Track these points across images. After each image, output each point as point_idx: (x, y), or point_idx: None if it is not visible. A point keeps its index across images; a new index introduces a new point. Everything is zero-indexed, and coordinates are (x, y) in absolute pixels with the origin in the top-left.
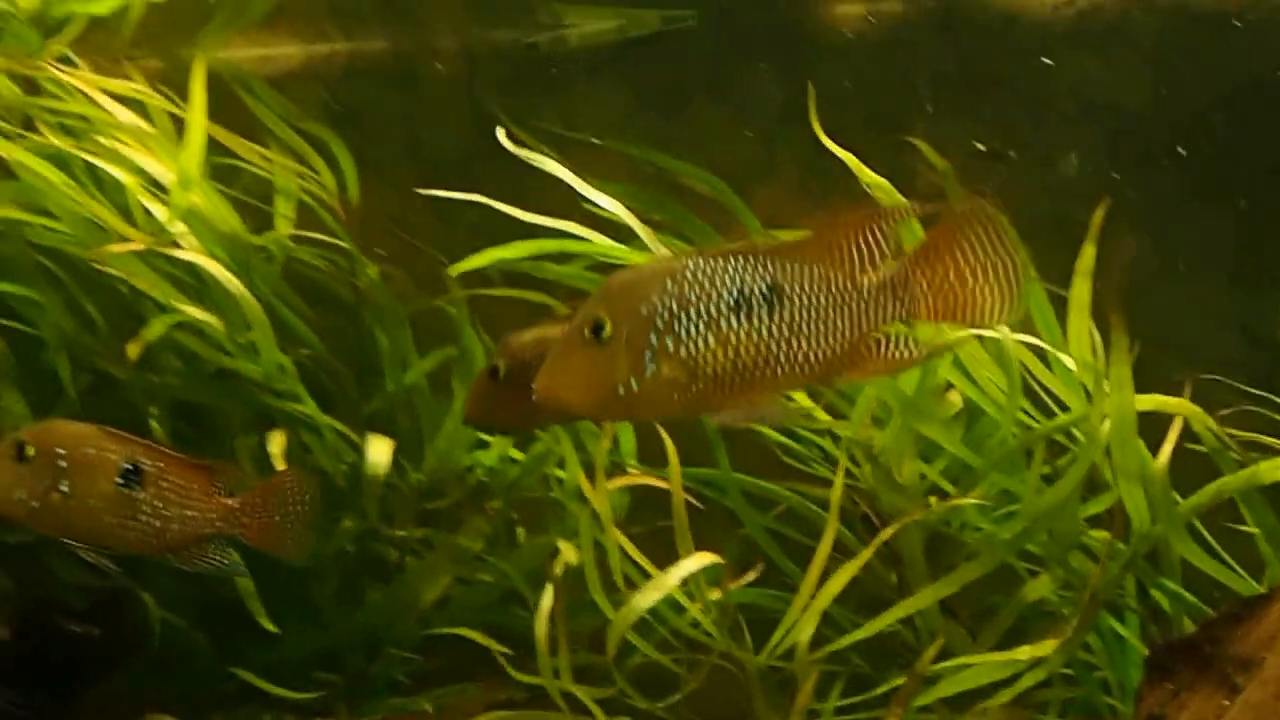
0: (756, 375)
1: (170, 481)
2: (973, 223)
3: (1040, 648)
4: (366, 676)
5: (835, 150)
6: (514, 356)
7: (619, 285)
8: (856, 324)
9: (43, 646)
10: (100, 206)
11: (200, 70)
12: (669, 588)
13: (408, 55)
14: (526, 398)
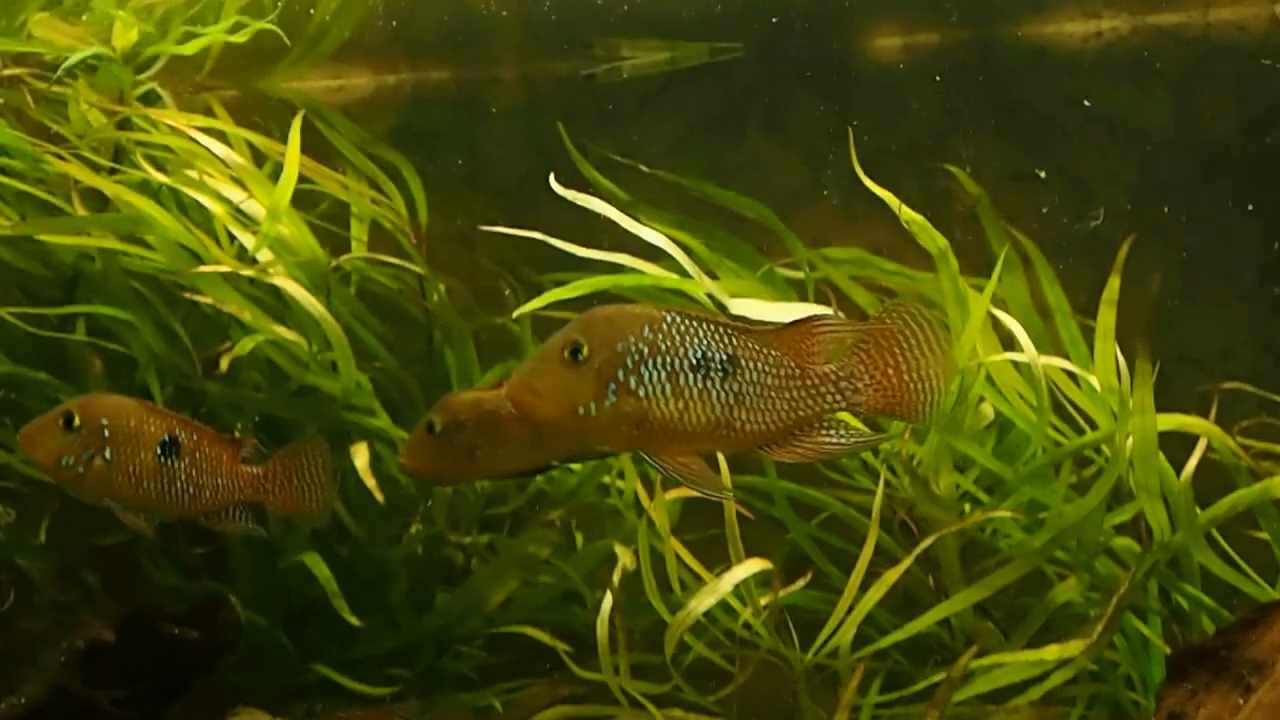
0: (699, 431)
1: (203, 453)
2: (912, 325)
3: (1068, 648)
4: (436, 672)
5: (873, 188)
6: (451, 415)
7: (603, 318)
8: (796, 407)
9: (145, 649)
10: (190, 236)
11: (299, 117)
12: (723, 592)
13: (471, 84)
14: (460, 453)
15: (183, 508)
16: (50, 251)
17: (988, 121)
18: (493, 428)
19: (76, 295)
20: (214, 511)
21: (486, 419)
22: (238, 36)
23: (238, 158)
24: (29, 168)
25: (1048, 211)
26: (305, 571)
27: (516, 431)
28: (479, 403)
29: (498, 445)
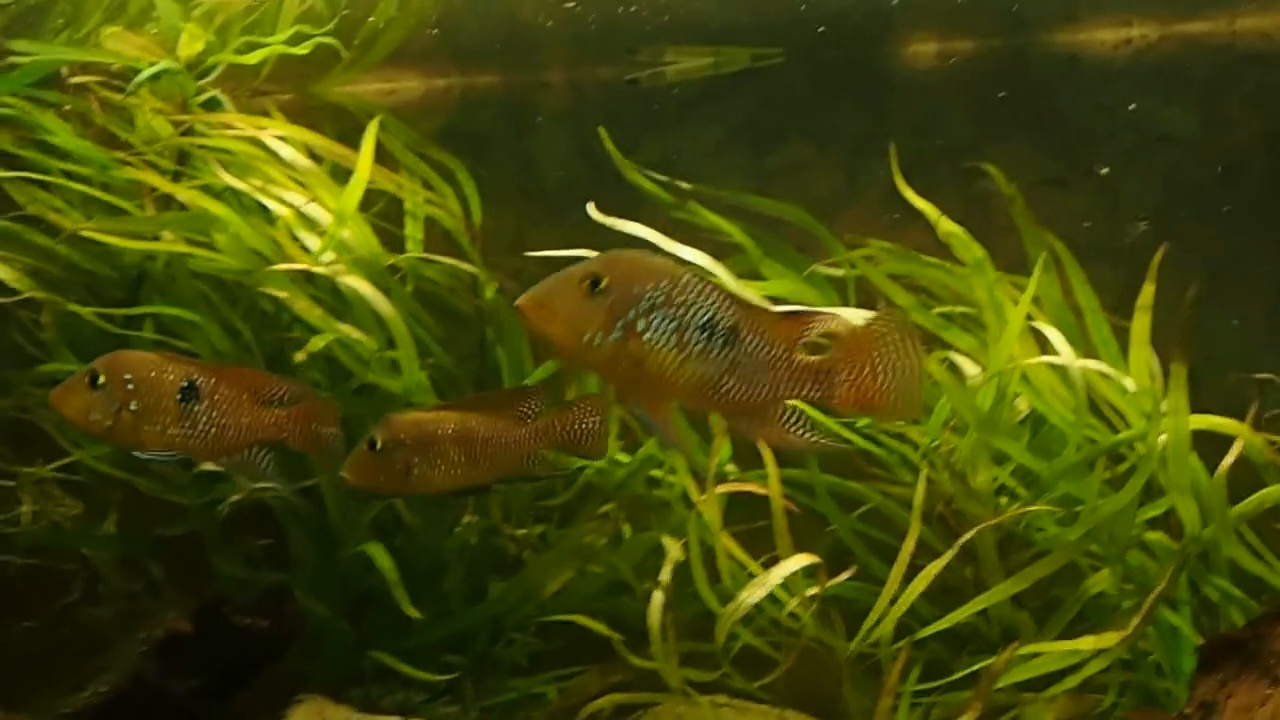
0: (687, 386)
1: (223, 394)
2: (893, 334)
3: (1104, 638)
4: (490, 659)
5: (912, 199)
6: (390, 433)
7: (628, 260)
8: (778, 388)
9: (218, 639)
10: (260, 237)
11: (373, 126)
12: (772, 585)
13: (519, 89)
14: (397, 469)
15: (208, 449)
16: (116, 253)
17: (1021, 127)
18: (430, 447)
19: (141, 295)
20: (238, 450)
21: (424, 438)
22: (300, 48)
23: (304, 160)
24: (95, 173)
25: (1077, 216)
26: (363, 561)
27: (452, 452)
28: (419, 422)
29: (433, 464)
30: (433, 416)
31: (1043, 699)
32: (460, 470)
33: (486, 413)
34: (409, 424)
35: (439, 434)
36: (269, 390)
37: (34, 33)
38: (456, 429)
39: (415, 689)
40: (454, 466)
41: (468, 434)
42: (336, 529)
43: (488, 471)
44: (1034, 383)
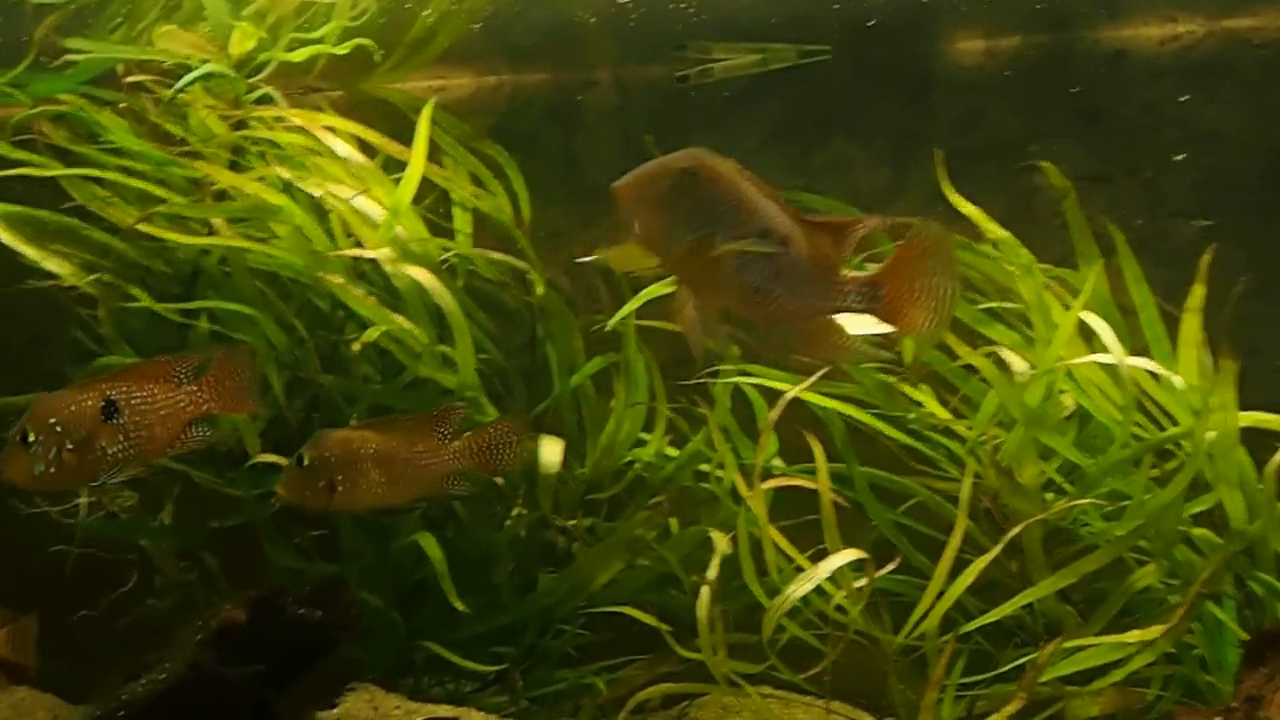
0: (739, 289)
1: (140, 396)
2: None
3: (1149, 631)
4: (539, 650)
5: (959, 204)
6: (318, 451)
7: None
8: (824, 298)
9: (274, 629)
10: (318, 229)
11: (427, 110)
12: (820, 579)
13: (568, 86)
14: (323, 486)
15: (150, 451)
16: (171, 249)
17: (1066, 123)
18: (354, 466)
19: (195, 290)
20: (175, 438)
21: (349, 457)
22: (341, 48)
23: (356, 154)
24: (151, 169)
25: (1121, 212)
26: (414, 553)
27: (374, 471)
28: (346, 441)
29: (357, 483)
30: (359, 436)
31: (1088, 692)
32: (381, 490)
33: (408, 434)
34: (336, 442)
35: (363, 453)
36: (179, 371)
37: (90, 31)
38: (379, 449)
39: (465, 679)
40: (376, 486)
41: (390, 454)
42: (389, 521)
43: (408, 491)
44: (1080, 379)
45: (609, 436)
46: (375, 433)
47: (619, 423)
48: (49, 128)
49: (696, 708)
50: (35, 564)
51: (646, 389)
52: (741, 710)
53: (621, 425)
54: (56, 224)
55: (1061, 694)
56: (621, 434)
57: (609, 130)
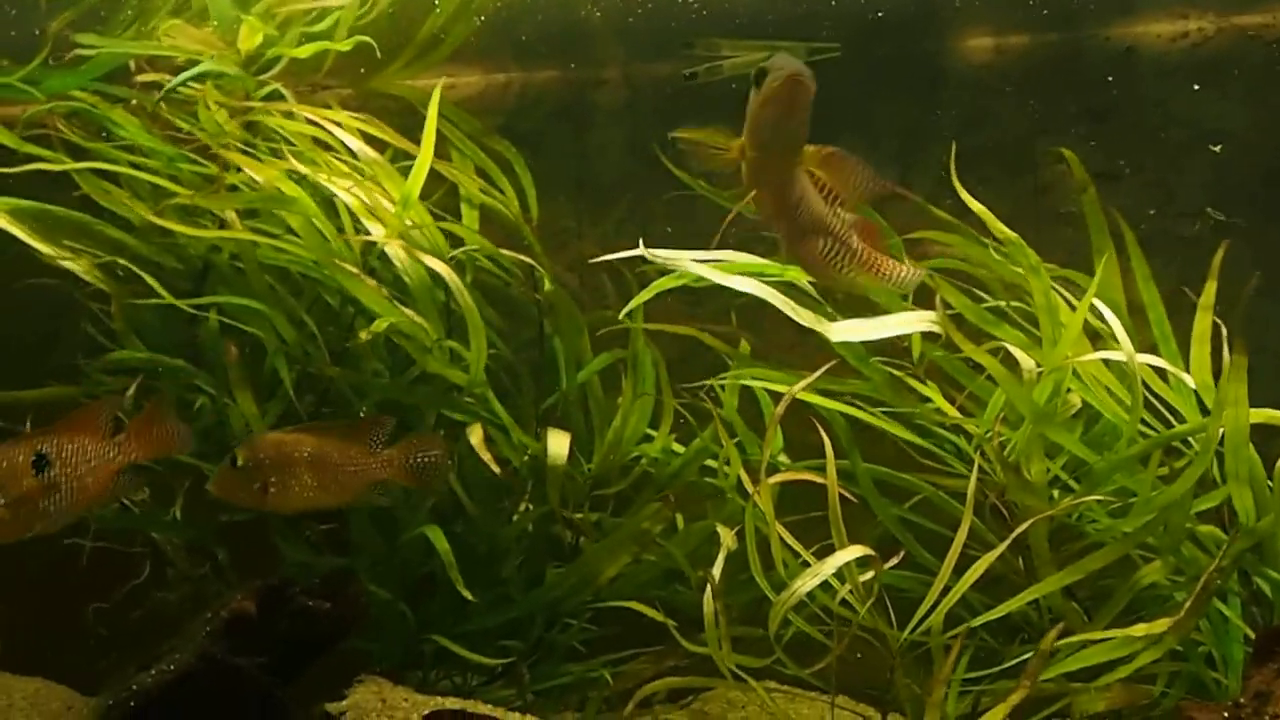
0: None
1: (69, 448)
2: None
3: (1155, 626)
4: (546, 644)
5: (970, 202)
6: (251, 452)
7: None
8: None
9: (283, 620)
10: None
11: (436, 94)
12: (826, 574)
13: (576, 84)
14: (255, 487)
15: (81, 502)
16: (182, 245)
17: (1075, 121)
18: (286, 468)
19: (206, 286)
20: (109, 485)
21: (282, 460)
22: (344, 44)
23: (369, 150)
24: (163, 166)
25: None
26: (423, 547)
27: (305, 475)
28: (279, 444)
29: (288, 485)
30: (292, 439)
31: (1095, 688)
32: (311, 494)
33: (339, 440)
34: (270, 444)
35: (295, 457)
36: (104, 419)
37: (104, 27)
38: (311, 453)
39: (472, 672)
40: (306, 489)
41: (321, 459)
42: (398, 515)
43: (336, 496)
44: (1087, 377)
45: (616, 432)
46: (308, 437)
47: (626, 418)
48: (63, 124)
49: (702, 702)
50: (50, 556)
51: (654, 385)
52: (747, 705)
53: (628, 421)
54: (69, 220)
55: (1067, 690)
56: (628, 430)
57: (617, 128)
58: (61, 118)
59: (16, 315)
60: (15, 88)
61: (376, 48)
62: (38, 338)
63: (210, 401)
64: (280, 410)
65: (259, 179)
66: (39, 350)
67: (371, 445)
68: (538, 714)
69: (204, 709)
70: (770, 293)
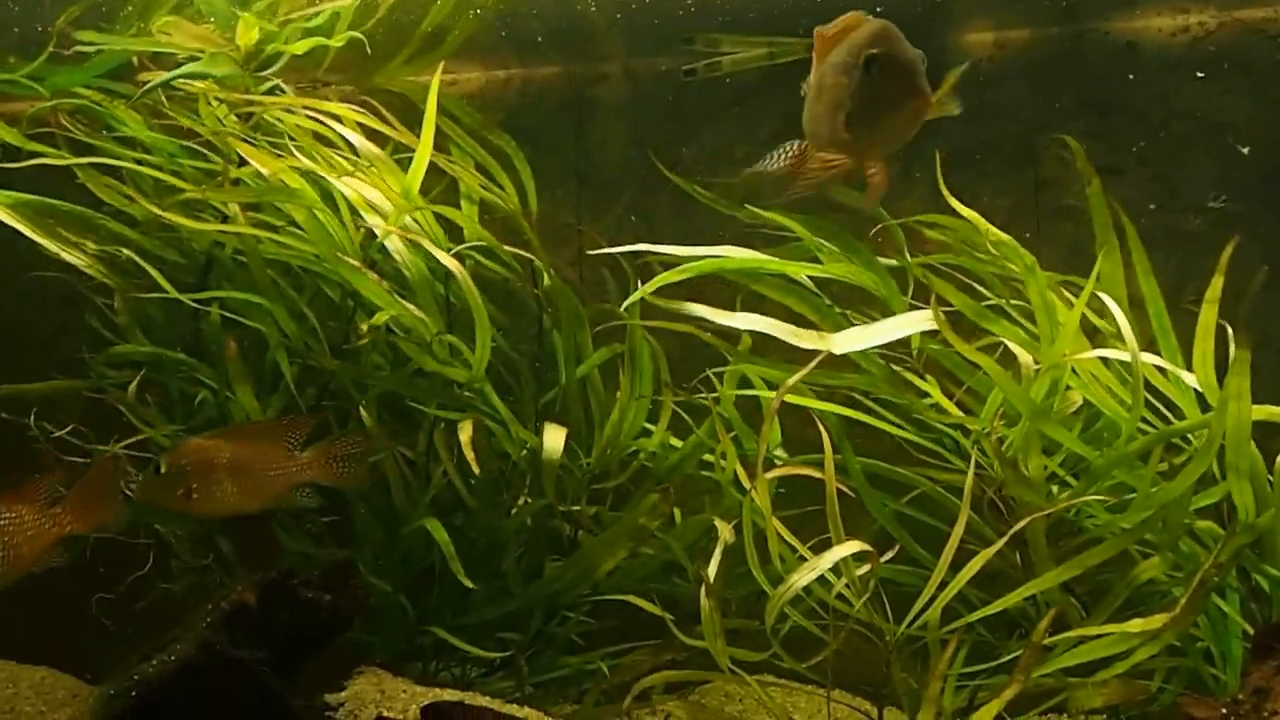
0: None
1: (7, 518)
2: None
3: (1152, 621)
4: (545, 636)
5: (960, 209)
6: (175, 458)
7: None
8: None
9: (284, 611)
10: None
11: (433, 94)
12: (823, 569)
13: (576, 80)
14: (178, 492)
15: (15, 572)
16: (186, 239)
17: (1077, 116)
18: (207, 473)
19: (209, 280)
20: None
21: (203, 465)
22: (337, 39)
23: (372, 146)
24: (165, 161)
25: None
26: (423, 540)
27: (226, 480)
28: (201, 449)
29: (210, 490)
30: (214, 444)
31: (1092, 683)
32: (233, 498)
33: (259, 443)
34: (192, 449)
35: (216, 461)
36: (43, 492)
37: (108, 24)
38: (231, 458)
39: (472, 664)
40: (227, 495)
41: (240, 464)
42: (399, 508)
43: (258, 500)
44: (1084, 373)
45: (614, 426)
46: (229, 442)
47: (624, 413)
48: (66, 120)
49: (700, 694)
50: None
51: (652, 380)
52: (744, 697)
53: (626, 415)
54: (73, 214)
55: (1064, 685)
56: (627, 424)
57: (618, 123)
58: (65, 114)
59: (25, 308)
60: (20, 84)
61: (368, 45)
62: (47, 331)
63: (212, 395)
64: (282, 404)
65: (265, 171)
66: (47, 343)
67: (290, 447)
68: (536, 706)
69: (204, 699)
70: (771, 324)
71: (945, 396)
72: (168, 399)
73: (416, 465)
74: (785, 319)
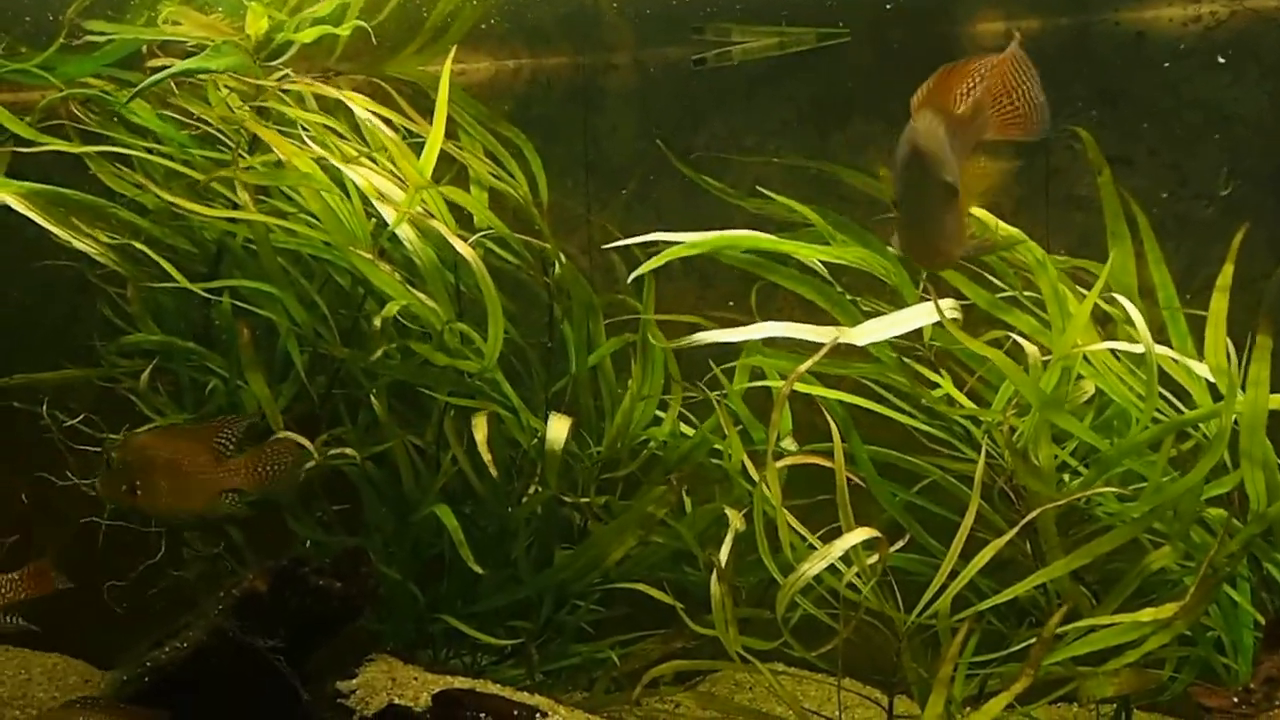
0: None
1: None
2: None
3: (1163, 610)
4: (555, 624)
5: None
6: (123, 454)
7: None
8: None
9: (295, 599)
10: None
11: (445, 78)
12: (834, 557)
13: (586, 70)
14: (125, 488)
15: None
16: (197, 228)
17: (1086, 106)
18: (147, 471)
19: (221, 269)
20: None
21: (144, 463)
22: (342, 29)
23: (384, 127)
24: (176, 150)
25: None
26: (433, 528)
27: (162, 480)
28: (144, 447)
29: (150, 487)
30: (155, 442)
31: (1104, 672)
32: (169, 498)
33: (192, 444)
34: (136, 447)
35: (155, 460)
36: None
37: (116, 14)
38: (166, 458)
39: (482, 652)
40: (164, 493)
41: (173, 464)
42: (409, 496)
43: (191, 501)
44: (1097, 363)
45: (624, 415)
46: (167, 441)
47: (634, 402)
48: (78, 109)
49: (710, 683)
50: (68, 535)
51: (663, 369)
52: (754, 686)
53: (637, 404)
54: (84, 203)
55: (1074, 674)
56: (637, 413)
57: (628, 113)
58: (77, 103)
59: (38, 297)
60: (32, 73)
61: (376, 35)
62: (58, 319)
63: (223, 384)
64: (293, 392)
65: (279, 156)
66: (59, 332)
67: (221, 450)
68: (546, 694)
69: (215, 685)
70: (790, 328)
71: (956, 387)
72: (178, 387)
73: (426, 453)
74: (798, 308)
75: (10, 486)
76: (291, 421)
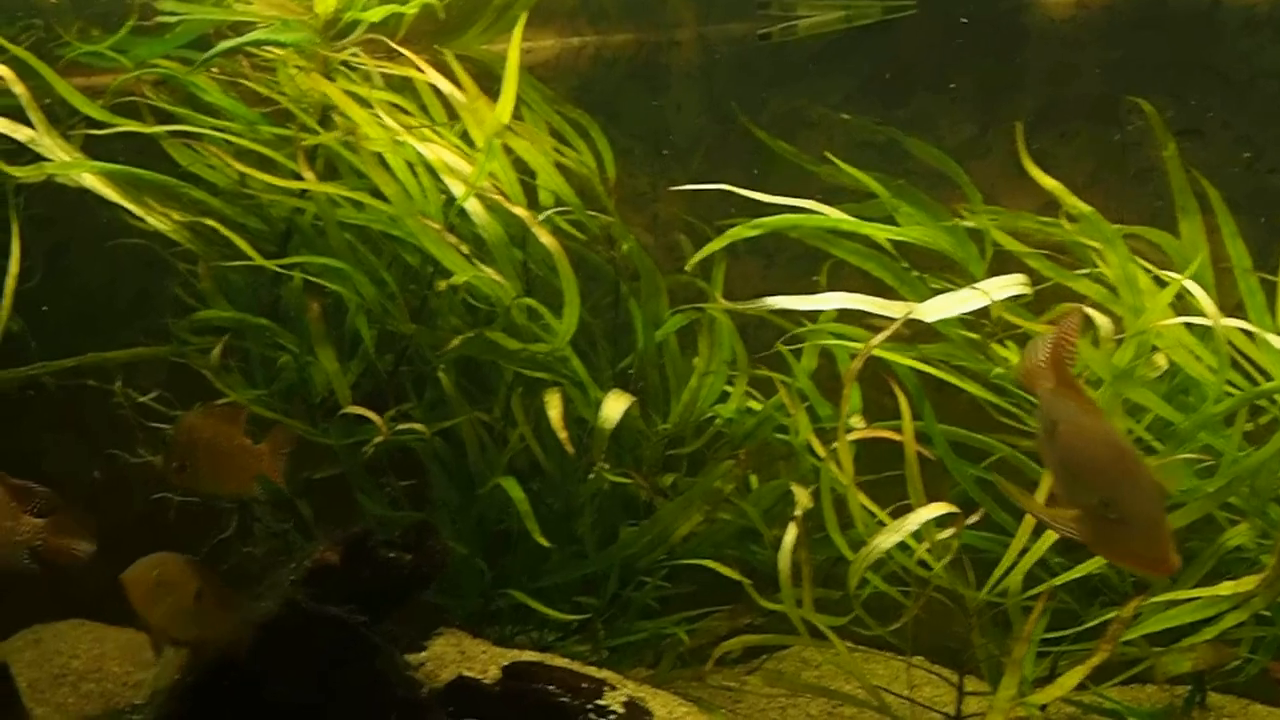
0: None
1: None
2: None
3: (1242, 583)
4: (621, 600)
5: (1040, 179)
6: (174, 434)
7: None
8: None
9: (365, 570)
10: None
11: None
12: (906, 532)
13: (650, 46)
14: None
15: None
16: (265, 206)
17: (1159, 77)
18: (192, 452)
19: (289, 247)
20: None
21: (188, 445)
22: (410, 6)
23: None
24: (245, 130)
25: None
26: (500, 504)
27: (208, 460)
28: (193, 429)
29: (198, 467)
30: (208, 423)
31: (1179, 649)
32: (207, 480)
33: (232, 426)
34: (185, 429)
35: (200, 440)
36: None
37: None
38: (208, 439)
39: (548, 628)
40: (202, 475)
41: (214, 446)
42: (476, 471)
43: (227, 485)
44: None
45: (691, 392)
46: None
47: (701, 378)
48: (150, 90)
49: (776, 660)
50: (139, 510)
51: (729, 346)
52: (821, 664)
53: (705, 381)
54: (158, 183)
55: (1148, 654)
56: (704, 390)
57: (692, 90)
58: (149, 84)
59: (110, 275)
60: (104, 55)
61: (443, 12)
62: (130, 298)
63: (293, 359)
64: (360, 368)
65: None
66: (131, 311)
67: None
68: (612, 669)
69: (291, 653)
70: (858, 299)
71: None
72: (248, 364)
73: (493, 429)
74: (864, 285)
75: (82, 463)
76: (360, 397)
